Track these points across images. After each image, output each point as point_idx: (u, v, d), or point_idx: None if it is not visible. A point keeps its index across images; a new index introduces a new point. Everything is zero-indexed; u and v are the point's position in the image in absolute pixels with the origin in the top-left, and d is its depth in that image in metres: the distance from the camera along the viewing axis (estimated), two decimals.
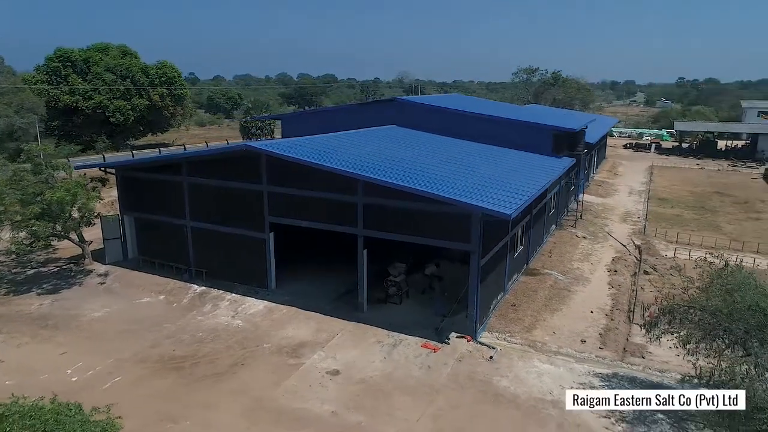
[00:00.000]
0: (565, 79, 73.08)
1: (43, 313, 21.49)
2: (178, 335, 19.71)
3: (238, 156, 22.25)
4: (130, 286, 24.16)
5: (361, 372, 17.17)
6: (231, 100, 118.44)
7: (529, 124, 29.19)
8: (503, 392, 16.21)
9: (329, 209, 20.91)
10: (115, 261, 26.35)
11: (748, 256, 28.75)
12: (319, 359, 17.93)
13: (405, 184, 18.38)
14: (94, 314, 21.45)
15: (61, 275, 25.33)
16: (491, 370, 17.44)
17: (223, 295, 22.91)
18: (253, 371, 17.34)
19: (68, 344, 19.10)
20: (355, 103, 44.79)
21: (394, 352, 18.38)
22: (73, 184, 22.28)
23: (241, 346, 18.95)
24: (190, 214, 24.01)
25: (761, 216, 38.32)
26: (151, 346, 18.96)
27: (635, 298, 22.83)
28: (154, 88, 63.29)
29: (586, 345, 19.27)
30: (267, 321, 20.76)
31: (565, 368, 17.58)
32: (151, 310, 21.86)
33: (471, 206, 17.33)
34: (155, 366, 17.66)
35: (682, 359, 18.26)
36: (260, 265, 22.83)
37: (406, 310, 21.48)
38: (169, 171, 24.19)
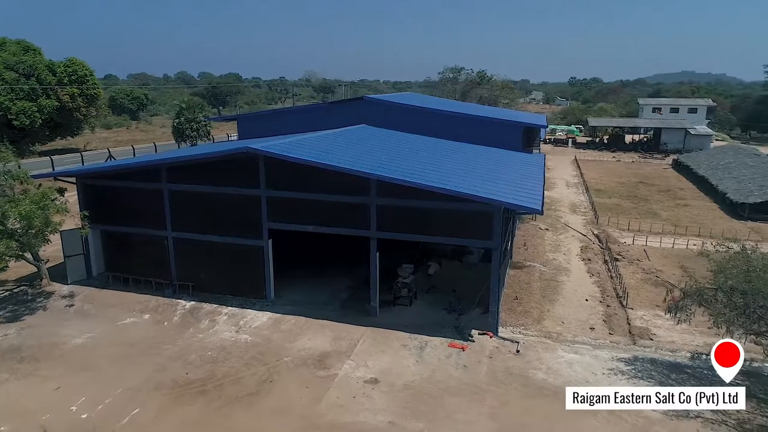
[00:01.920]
0: (490, 78, 76.26)
1: (12, 344, 18.81)
2: (184, 356, 18.08)
3: (229, 159, 20.80)
4: (105, 306, 21.82)
5: (401, 378, 16.73)
6: (137, 100, 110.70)
7: (500, 121, 30.00)
8: (544, 385, 16.50)
9: (337, 212, 20.15)
10: (79, 280, 23.67)
11: (693, 240, 31.52)
12: (351, 369, 17.23)
13: (428, 183, 18.14)
14: (75, 341, 19.12)
15: (15, 300, 22.32)
16: (523, 363, 17.70)
17: (217, 309, 21.34)
18: (284, 388, 16.33)
19: (58, 377, 16.87)
20: (319, 103, 43.56)
21: (424, 354, 18.11)
22: (40, 196, 19.67)
23: (259, 362, 17.77)
24: (172, 225, 22.10)
25: (688, 203, 42.13)
26: (157, 370, 17.24)
27: (623, 285, 24.14)
28: (63, 88, 57.59)
29: (596, 332, 20.12)
30: (276, 333, 19.63)
31: (589, 356, 18.24)
32: (140, 332, 19.88)
33: (503, 203, 17.45)
34: (174, 392, 16.08)
35: (684, 338, 19.79)
36: (257, 275, 21.53)
37: (416, 311, 21.24)
38: (144, 177, 22.11)
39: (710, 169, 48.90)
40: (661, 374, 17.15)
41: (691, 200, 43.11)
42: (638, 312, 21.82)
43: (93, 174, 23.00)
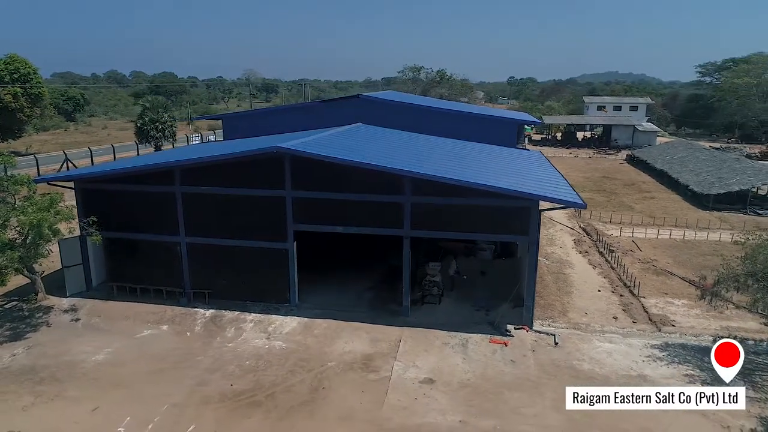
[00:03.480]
0: (450, 77, 77.38)
1: (24, 365, 17.25)
2: (222, 368, 17.20)
3: (251, 160, 19.96)
4: (116, 319, 20.42)
5: (454, 376, 16.65)
6: (72, 100, 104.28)
7: (496, 118, 30.44)
8: (593, 374, 16.89)
9: (368, 211, 19.77)
10: (78, 292, 22.03)
11: (675, 231, 33.24)
12: (401, 370, 16.98)
13: (468, 180, 18.13)
14: (95, 358, 17.78)
15: (10, 317, 20.48)
16: (565, 355, 18.05)
17: (240, 316, 20.45)
18: (339, 393, 15.86)
19: (91, 398, 15.63)
20: (313, 101, 42.49)
21: (469, 351, 18.10)
22: (48, 202, 18.09)
23: (303, 368, 17.18)
24: (185, 229, 20.96)
25: (654, 195, 44.39)
26: (199, 384, 16.32)
27: (628, 275, 25.09)
28: (4, 87, 53.45)
29: (620, 321, 20.81)
30: (311, 338, 19.05)
31: (624, 344, 18.84)
32: (164, 344, 18.75)
33: (546, 198, 17.67)
34: (225, 405, 15.27)
35: (701, 323, 20.79)
36: (281, 279, 20.80)
37: (445, 309, 21.20)
38: (154, 180, 20.85)
39: (667, 164, 51.74)
40: (695, 358, 17.95)
41: (656, 193, 45.43)
42: (651, 300, 22.74)
43: (95, 178, 21.42)
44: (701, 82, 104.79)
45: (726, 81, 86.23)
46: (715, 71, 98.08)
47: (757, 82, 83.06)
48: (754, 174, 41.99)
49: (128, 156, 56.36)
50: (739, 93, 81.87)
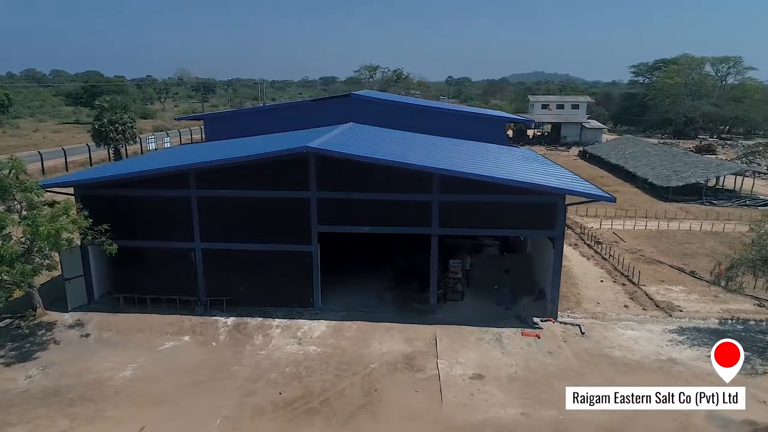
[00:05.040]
0: (406, 76, 77.91)
1: (46, 387, 15.94)
2: (263, 376, 16.62)
3: (274, 161, 19.36)
4: (129, 332, 19.23)
5: (501, 370, 16.92)
6: None
7: (485, 116, 31.03)
8: (627, 361, 17.65)
9: (394, 210, 19.67)
10: (80, 305, 20.58)
11: (639, 220, 35.12)
12: (447, 367, 17.05)
13: (498, 176, 18.48)
14: (123, 374, 16.69)
15: (9, 336, 18.84)
16: (594, 344, 18.75)
17: (265, 323, 19.81)
18: (394, 394, 15.75)
19: (133, 416, 14.69)
20: (303, 101, 41.32)
21: (505, 345, 18.43)
22: (62, 210, 16.73)
23: (347, 372, 16.91)
24: (201, 235, 20.04)
25: (615, 189, 46.48)
26: (245, 395, 15.70)
27: (624, 265, 26.33)
28: None
29: (631, 309, 21.83)
30: (344, 341, 18.76)
31: (644, 331, 19.80)
32: (191, 356, 17.87)
33: (575, 193, 18.23)
34: (281, 415, 14.80)
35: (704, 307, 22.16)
36: (304, 283, 20.34)
37: (468, 304, 21.46)
38: (165, 184, 19.81)
39: (621, 159, 54.58)
40: (712, 340, 18.94)
41: (616, 186, 47.72)
42: (651, 288, 23.98)
43: (98, 183, 20.05)
44: (635, 82, 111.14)
45: (659, 81, 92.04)
46: (647, 71, 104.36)
47: (686, 81, 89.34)
48: (705, 167, 45.13)
49: (79, 159, 53.25)
50: (671, 92, 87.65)
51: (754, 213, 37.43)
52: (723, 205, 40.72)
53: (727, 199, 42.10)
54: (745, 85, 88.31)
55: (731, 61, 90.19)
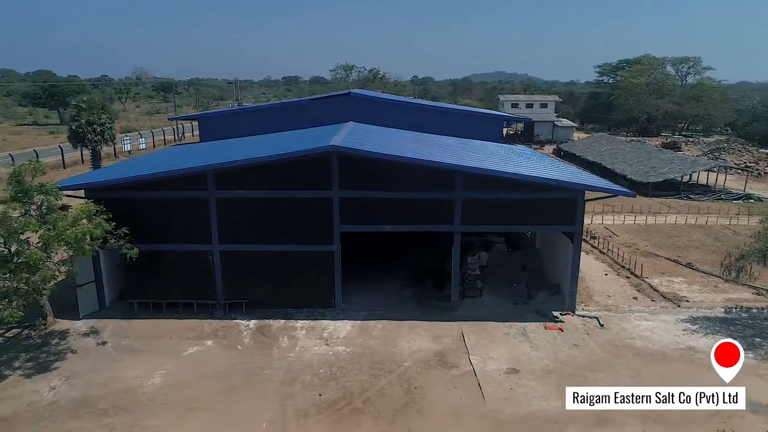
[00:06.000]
0: (383, 76, 77.89)
1: (74, 397, 15.29)
2: (298, 378, 16.40)
3: (296, 160, 19.10)
4: (148, 338, 18.64)
5: (533, 364, 17.20)
6: None
7: (484, 115, 31.39)
8: (650, 351, 18.21)
9: (416, 208, 19.71)
10: (92, 312, 19.83)
11: (628, 215, 36.24)
12: (480, 363, 17.21)
13: (522, 173, 18.74)
14: (152, 381, 16.17)
15: (21, 346, 17.98)
16: (615, 336, 19.26)
17: (288, 324, 19.54)
18: (435, 391, 15.81)
19: (174, 424, 14.32)
20: (301, 99, 40.55)
21: (532, 339, 18.73)
22: (82, 213, 16.04)
23: (382, 371, 16.87)
24: (219, 237, 19.60)
25: None
26: (284, 397, 15.47)
27: (623, 258, 27.11)
28: None
29: (641, 301, 22.52)
30: (372, 341, 18.69)
31: (659, 321, 20.46)
32: (218, 360, 17.45)
33: (601, 189, 18.69)
34: (326, 416, 14.65)
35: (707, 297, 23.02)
36: (325, 283, 20.17)
37: (486, 300, 21.69)
38: (182, 186, 19.27)
39: (598, 156, 56.06)
40: (722, 327, 19.93)
41: None
42: (654, 280, 24.77)
43: (111, 185, 19.32)
44: (600, 81, 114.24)
45: (623, 80, 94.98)
46: (611, 71, 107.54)
47: (648, 81, 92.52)
48: (681, 164, 46.87)
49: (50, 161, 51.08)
50: (635, 91, 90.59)
51: (731, 207, 39.31)
52: (700, 199, 42.39)
53: (703, 194, 43.86)
54: (703, 85, 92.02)
55: (691, 62, 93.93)
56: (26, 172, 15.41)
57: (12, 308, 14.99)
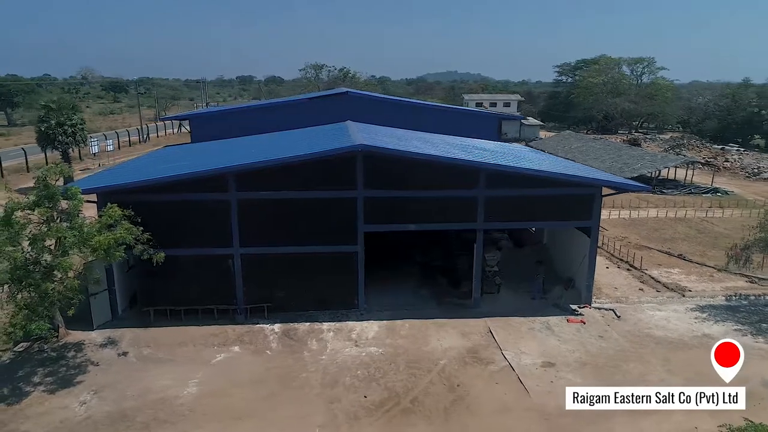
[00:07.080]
0: (353, 75, 77.46)
1: (109, 412, 14.55)
2: (337, 380, 16.18)
3: (320, 160, 18.79)
4: (170, 346, 17.95)
5: (565, 357, 17.55)
6: None
7: (480, 114, 31.70)
8: (670, 339, 18.91)
9: (438, 206, 19.74)
10: (105, 322, 18.93)
11: (613, 210, 37.49)
12: (515, 358, 17.43)
13: (545, 170, 19.07)
14: (187, 391, 15.59)
15: (36, 361, 16.96)
16: (634, 326, 19.88)
17: (314, 327, 19.22)
18: (478, 388, 15.92)
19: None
20: (299, 98, 39.48)
21: (557, 333, 19.10)
22: (109, 218, 15.24)
23: (420, 369, 16.85)
24: (240, 240, 19.06)
25: None
26: (329, 401, 15.23)
27: (620, 251, 27.99)
28: None
29: (647, 292, 23.33)
30: (401, 340, 18.62)
31: (670, 311, 21.24)
32: (250, 366, 16.99)
33: (618, 184, 19.20)
34: (378, 418, 14.52)
35: (707, 286, 24.04)
36: (348, 284, 19.96)
37: (505, 296, 21.96)
38: (201, 188, 18.64)
39: (570, 153, 57.60)
40: (729, 314, 20.89)
41: None
42: (654, 271, 25.71)
43: (123, 189, 18.45)
44: (558, 81, 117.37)
45: (583, 80, 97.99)
46: (570, 71, 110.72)
47: (605, 80, 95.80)
48: (652, 159, 48.81)
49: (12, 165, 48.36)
50: (594, 90, 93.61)
51: (703, 200, 41.28)
52: (672, 193, 44.26)
53: (675, 188, 45.81)
54: (657, 84, 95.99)
55: (645, 62, 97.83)
56: (51, 174, 14.48)
57: (39, 320, 14.10)
